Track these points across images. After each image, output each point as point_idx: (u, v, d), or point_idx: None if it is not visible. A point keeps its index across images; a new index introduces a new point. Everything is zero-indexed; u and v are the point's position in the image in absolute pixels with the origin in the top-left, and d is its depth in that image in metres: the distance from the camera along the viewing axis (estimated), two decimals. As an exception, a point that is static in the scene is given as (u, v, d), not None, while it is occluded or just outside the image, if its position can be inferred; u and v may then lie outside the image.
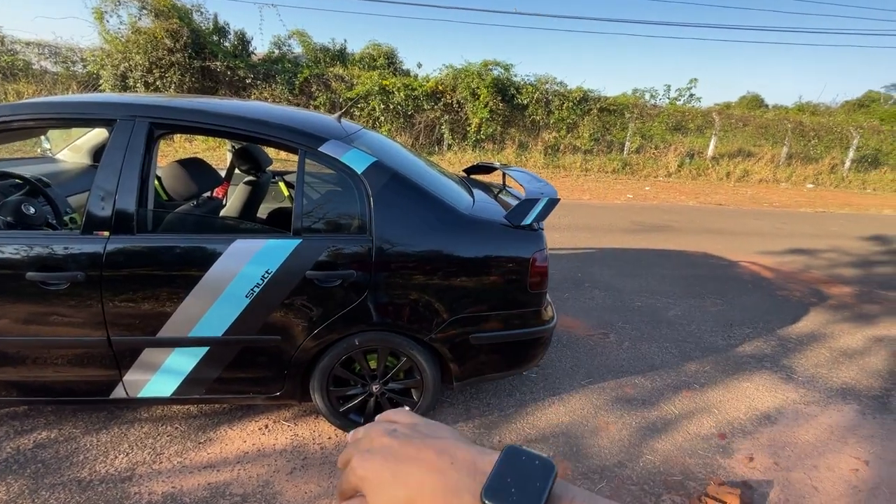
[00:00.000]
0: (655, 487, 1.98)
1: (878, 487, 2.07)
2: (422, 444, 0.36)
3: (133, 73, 9.35)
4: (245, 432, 2.12)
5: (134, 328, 1.80)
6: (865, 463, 2.21)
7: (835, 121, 14.69)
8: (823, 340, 3.47)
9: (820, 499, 1.99)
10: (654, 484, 2.00)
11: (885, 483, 2.09)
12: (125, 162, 1.72)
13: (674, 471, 2.08)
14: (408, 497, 0.33)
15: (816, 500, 1.98)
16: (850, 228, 7.66)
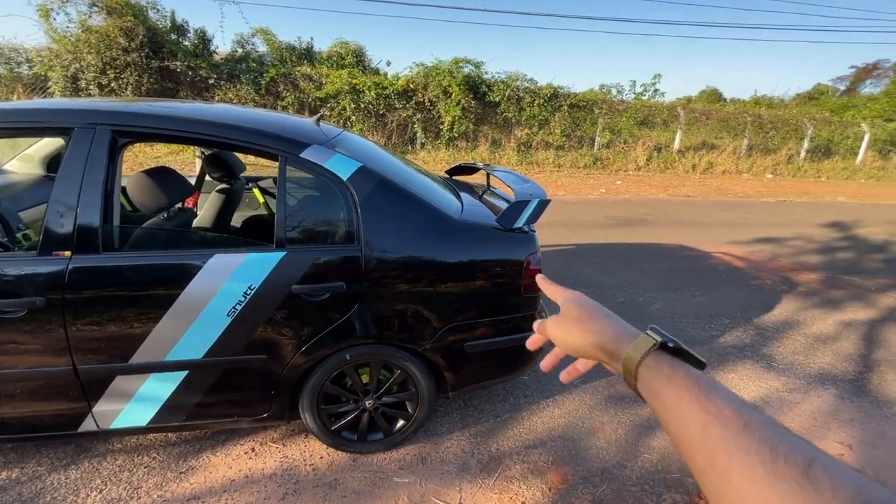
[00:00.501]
0: (656, 487, 1.98)
1: (864, 471, 2.13)
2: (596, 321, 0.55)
3: (85, 74, 8.81)
4: (230, 458, 1.99)
5: (103, 355, 1.65)
6: (849, 447, 2.28)
7: (790, 113, 15.40)
8: (798, 327, 3.59)
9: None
10: (654, 483, 2.00)
11: (870, 466, 2.16)
12: (86, 174, 1.57)
13: (671, 468, 2.08)
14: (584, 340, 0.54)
15: (808, 488, 2.02)
16: (810, 216, 8.03)
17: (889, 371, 3.01)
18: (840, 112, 17.12)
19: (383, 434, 2.06)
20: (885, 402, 2.66)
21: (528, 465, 2.05)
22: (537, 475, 2.00)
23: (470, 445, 2.15)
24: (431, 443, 2.15)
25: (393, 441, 2.07)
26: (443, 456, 2.08)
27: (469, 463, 2.05)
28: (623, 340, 0.47)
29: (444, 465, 2.02)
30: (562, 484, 1.96)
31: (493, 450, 2.13)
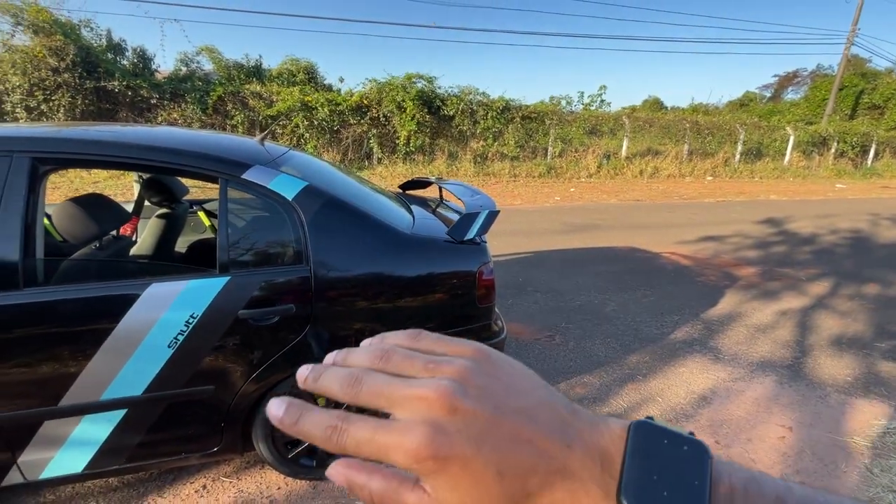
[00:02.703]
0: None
1: (803, 451, 2.28)
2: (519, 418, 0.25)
3: (10, 96, 8.24)
4: (179, 498, 1.87)
5: (28, 399, 1.52)
6: (790, 430, 2.43)
7: (723, 119, 16.56)
8: (740, 319, 3.81)
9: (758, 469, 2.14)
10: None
11: (808, 446, 2.31)
12: (2, 205, 1.46)
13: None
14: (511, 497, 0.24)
15: (755, 472, 2.13)
16: (747, 214, 8.60)
17: (821, 355, 3.24)
18: (767, 117, 18.61)
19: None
20: (819, 384, 2.86)
21: (492, 476, 2.05)
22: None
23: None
24: (394, 462, 2.11)
25: (354, 464, 2.01)
26: (406, 474, 2.04)
27: (433, 479, 2.02)
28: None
29: (408, 484, 1.99)
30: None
31: (458, 463, 2.12)
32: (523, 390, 0.27)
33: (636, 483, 0.24)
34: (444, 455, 0.23)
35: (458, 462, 0.23)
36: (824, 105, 21.58)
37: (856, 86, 23.55)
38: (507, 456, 0.24)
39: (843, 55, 20.69)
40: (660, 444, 0.25)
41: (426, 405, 0.24)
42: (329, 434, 0.25)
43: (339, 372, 0.28)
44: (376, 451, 0.24)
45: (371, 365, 0.28)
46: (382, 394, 0.26)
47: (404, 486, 0.25)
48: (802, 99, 25.76)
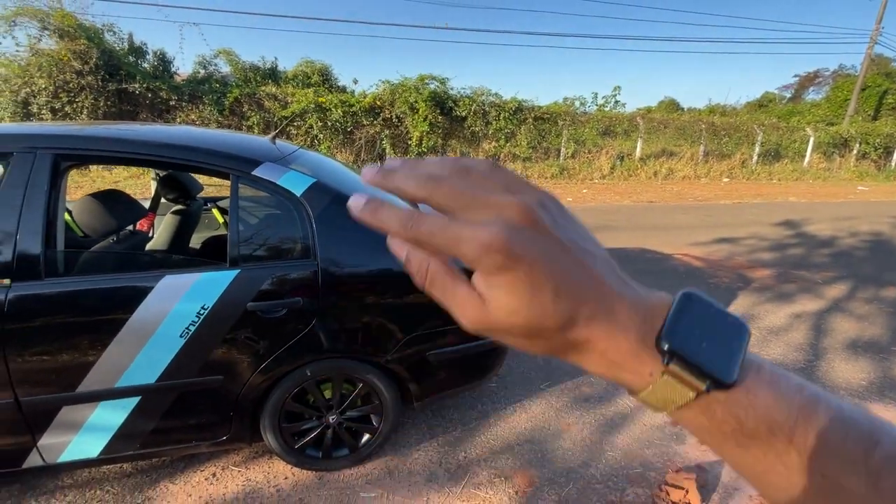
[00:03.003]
0: (619, 483, 2.02)
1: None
2: (590, 262, 0.26)
3: (37, 98, 8.51)
4: (190, 485, 1.93)
5: (48, 385, 1.59)
6: (799, 432, 2.39)
7: (741, 120, 16.28)
8: (753, 321, 3.75)
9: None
10: (618, 479, 2.04)
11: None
12: (26, 199, 1.53)
13: (634, 463, 2.14)
14: (560, 323, 0.25)
15: (762, 474, 2.11)
16: (764, 216, 8.45)
17: (836, 359, 3.18)
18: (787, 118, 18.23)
19: (349, 450, 2.04)
20: (834, 388, 2.81)
21: (495, 471, 2.06)
22: (504, 480, 2.02)
23: (437, 455, 2.15)
24: (399, 455, 2.14)
25: (359, 456, 2.05)
26: (410, 467, 2.07)
27: (437, 472, 2.05)
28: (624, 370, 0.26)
29: (412, 477, 2.02)
30: (528, 487, 1.98)
31: (461, 458, 2.14)
32: (591, 239, 0.28)
33: (677, 331, 0.25)
34: (516, 254, 0.23)
35: (525, 265, 0.23)
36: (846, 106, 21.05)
37: (879, 86, 22.93)
38: (568, 279, 0.24)
39: (867, 54, 20.17)
40: (706, 309, 0.27)
41: (508, 211, 0.24)
42: (404, 220, 0.26)
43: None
44: (448, 239, 0.24)
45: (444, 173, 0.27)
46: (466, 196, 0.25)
47: (459, 277, 0.26)
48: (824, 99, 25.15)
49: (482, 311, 0.25)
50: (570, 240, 0.25)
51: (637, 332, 0.25)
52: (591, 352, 0.26)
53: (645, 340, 0.25)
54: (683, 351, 0.24)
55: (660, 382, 0.25)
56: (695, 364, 0.24)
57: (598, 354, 0.26)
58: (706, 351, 0.24)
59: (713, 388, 0.24)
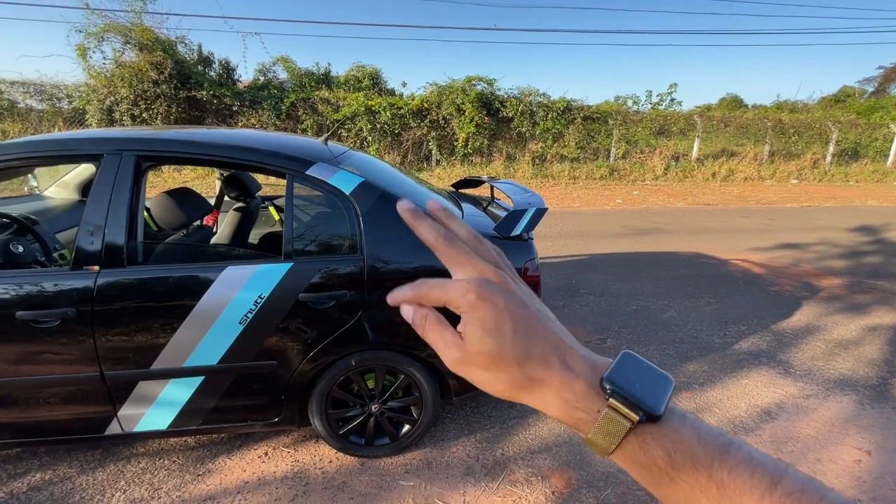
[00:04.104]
0: (661, 491, 1.96)
1: (882, 477, 2.07)
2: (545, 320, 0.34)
3: (119, 106, 9.39)
4: (244, 461, 2.09)
5: (127, 362, 1.78)
6: (868, 453, 2.22)
7: (813, 117, 15.04)
8: (818, 333, 3.50)
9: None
10: (660, 488, 1.98)
11: (889, 472, 2.09)
12: (113, 196, 1.73)
13: (679, 473, 2.06)
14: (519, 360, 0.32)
15: (822, 494, 1.97)
16: (837, 221, 7.78)
17: (915, 376, 2.90)
18: (867, 114, 16.58)
19: (390, 439, 2.12)
20: (910, 408, 2.57)
21: (532, 470, 2.07)
22: (541, 480, 2.02)
23: (475, 450, 2.19)
24: (437, 448, 2.20)
25: (399, 445, 2.13)
26: (448, 460, 2.12)
27: (474, 467, 2.08)
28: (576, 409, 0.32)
29: (450, 470, 2.07)
30: (565, 488, 1.97)
31: (498, 455, 2.16)
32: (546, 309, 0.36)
33: (617, 375, 0.32)
34: (484, 296, 0.32)
35: (490, 305, 0.32)
36: (941, 99, 18.86)
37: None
38: (525, 322, 0.32)
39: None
40: (640, 364, 0.34)
41: (482, 271, 0.34)
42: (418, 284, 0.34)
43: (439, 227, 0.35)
44: (442, 292, 0.33)
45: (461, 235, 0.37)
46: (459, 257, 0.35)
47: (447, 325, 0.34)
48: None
49: (461, 348, 0.33)
50: (529, 300, 0.34)
51: (587, 377, 0.32)
52: (548, 391, 0.32)
53: (592, 385, 0.32)
54: (621, 388, 0.31)
55: (604, 416, 0.31)
56: (630, 396, 0.30)
57: (554, 393, 0.32)
58: (639, 389, 0.31)
59: (645, 419, 0.30)
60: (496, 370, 0.32)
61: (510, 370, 0.32)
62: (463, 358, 0.33)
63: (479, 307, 0.31)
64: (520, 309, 0.33)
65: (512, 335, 0.32)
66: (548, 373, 0.32)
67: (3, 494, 1.87)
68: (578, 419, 0.32)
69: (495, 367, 0.32)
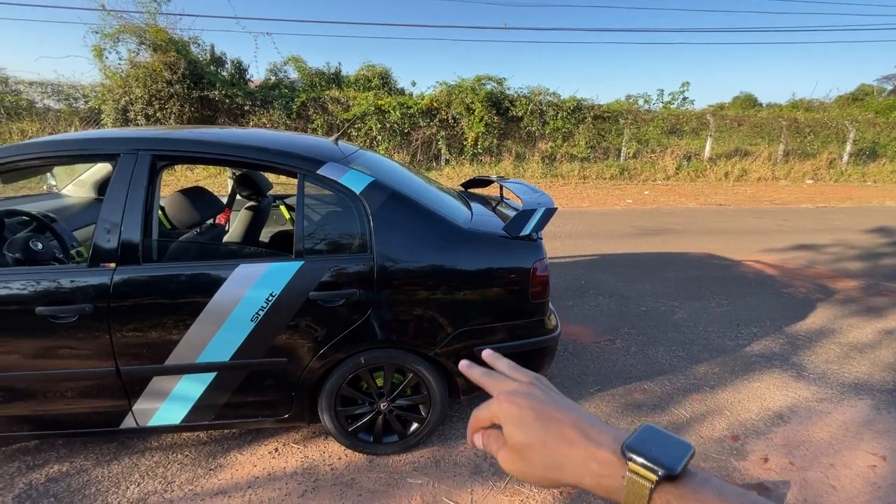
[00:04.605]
0: (670, 493, 1.95)
1: (897, 484, 2.03)
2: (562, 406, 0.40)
3: (134, 106, 9.54)
4: (255, 456, 2.12)
5: (142, 357, 1.82)
6: (883, 458, 2.18)
7: (829, 116, 14.75)
8: (832, 336, 3.44)
9: (839, 497, 1.96)
10: (669, 490, 1.97)
11: (904, 478, 2.06)
12: (129, 194, 1.76)
13: (688, 476, 2.05)
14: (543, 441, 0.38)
15: (835, 499, 1.95)
16: (854, 222, 7.64)
17: (933, 381, 2.84)
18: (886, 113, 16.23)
19: (398, 436, 2.14)
20: (927, 414, 2.52)
21: (540, 470, 2.07)
22: (549, 479, 2.02)
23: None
24: (445, 446, 2.21)
25: (407, 443, 2.14)
26: (456, 459, 2.13)
27: (482, 466, 2.09)
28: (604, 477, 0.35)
29: (457, 468, 2.08)
30: (573, 489, 1.97)
31: (506, 454, 2.16)
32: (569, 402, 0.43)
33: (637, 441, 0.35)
34: (510, 400, 0.41)
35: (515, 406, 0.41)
36: (964, 98, 18.40)
37: None
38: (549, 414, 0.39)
39: None
40: (659, 433, 0.36)
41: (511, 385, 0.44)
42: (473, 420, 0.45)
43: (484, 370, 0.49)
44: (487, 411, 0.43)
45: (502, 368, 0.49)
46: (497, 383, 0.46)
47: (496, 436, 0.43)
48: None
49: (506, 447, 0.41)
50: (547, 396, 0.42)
51: (610, 447, 0.36)
52: (575, 465, 0.36)
53: (615, 452, 0.35)
54: (640, 451, 0.34)
55: (628, 481, 0.33)
56: (649, 458, 0.33)
57: (581, 465, 0.36)
58: (656, 452, 0.34)
59: (664, 478, 0.32)
60: (530, 457, 0.38)
61: (539, 453, 0.38)
62: (507, 454, 0.40)
63: (507, 409, 0.41)
64: (539, 403, 0.40)
65: (533, 423, 0.39)
66: (571, 448, 0.37)
67: (23, 485, 1.92)
68: (609, 487, 0.35)
69: (529, 454, 0.38)
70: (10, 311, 1.72)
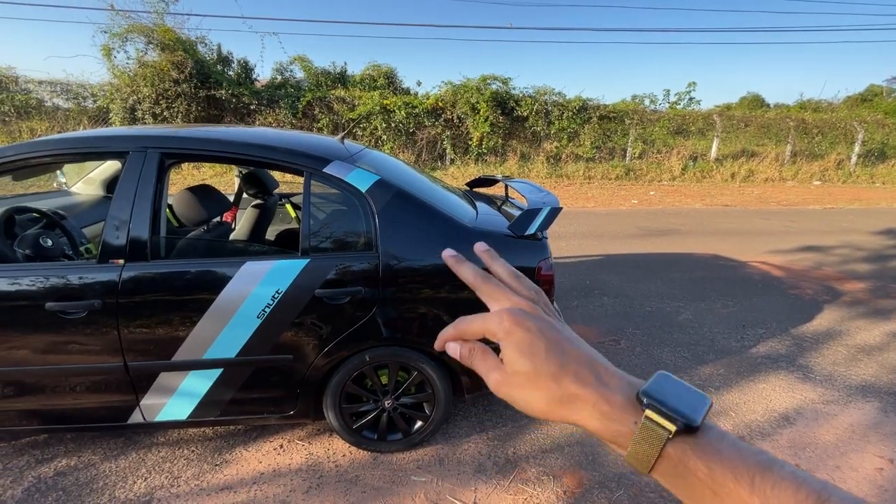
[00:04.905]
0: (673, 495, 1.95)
1: None
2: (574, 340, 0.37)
3: (141, 105, 9.62)
4: (260, 453, 2.13)
5: (150, 353, 1.84)
6: (890, 461, 2.16)
7: (837, 116, 14.62)
8: (839, 338, 3.41)
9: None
10: (673, 490, 1.97)
11: (912, 481, 2.04)
12: (138, 192, 1.78)
13: (692, 476, 2.04)
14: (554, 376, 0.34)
15: (841, 502, 1.93)
16: (862, 223, 7.57)
17: (942, 384, 2.81)
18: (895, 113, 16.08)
19: (402, 434, 2.15)
20: (936, 417, 2.50)
21: (543, 469, 2.07)
22: (552, 479, 2.02)
23: (487, 448, 2.20)
24: (449, 444, 2.21)
25: (411, 441, 2.15)
26: (460, 457, 2.13)
27: (485, 465, 2.09)
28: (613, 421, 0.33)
29: (461, 466, 2.08)
30: (577, 488, 1.97)
31: (510, 453, 2.17)
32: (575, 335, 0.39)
33: (653, 388, 0.33)
34: (518, 322, 0.35)
35: (524, 329, 0.35)
36: (975, 98, 18.17)
37: None
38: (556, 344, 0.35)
39: None
40: (676, 382, 0.34)
41: (515, 303, 0.38)
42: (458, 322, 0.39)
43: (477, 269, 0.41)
44: (481, 324, 0.37)
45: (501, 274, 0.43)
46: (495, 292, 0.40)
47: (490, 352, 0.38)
48: (945, 92, 21.87)
49: (502, 370, 0.36)
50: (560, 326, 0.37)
51: (623, 392, 0.33)
52: (585, 405, 0.33)
53: (629, 398, 0.33)
54: (658, 398, 0.32)
55: (641, 428, 0.31)
56: (668, 406, 0.31)
57: (591, 407, 0.33)
58: (676, 402, 0.32)
59: (682, 429, 0.31)
60: (534, 388, 0.34)
61: (546, 386, 0.34)
62: (504, 379, 0.36)
63: (514, 332, 0.35)
64: (551, 332, 0.36)
65: (545, 354, 0.34)
66: (583, 388, 0.34)
67: (32, 478, 1.95)
68: (616, 432, 0.33)
69: (533, 386, 0.34)
70: (21, 306, 1.74)
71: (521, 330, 0.35)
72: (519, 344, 0.35)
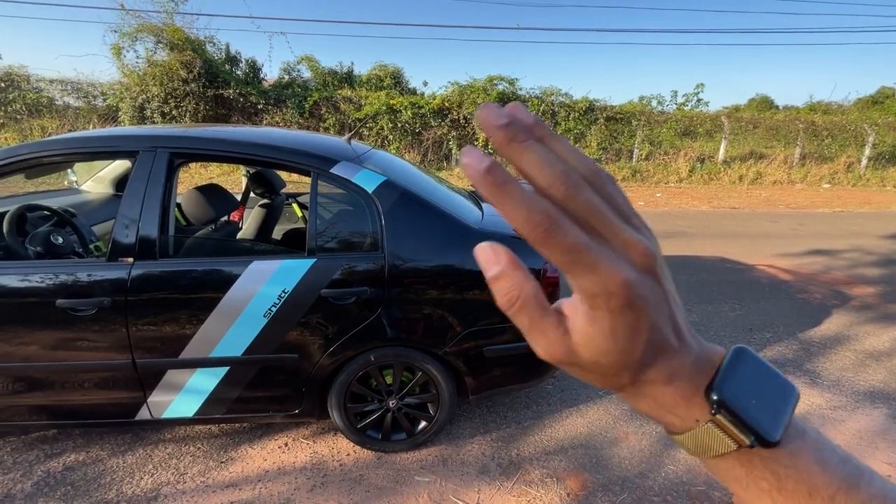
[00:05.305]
0: (679, 499, 1.94)
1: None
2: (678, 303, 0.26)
3: (150, 104, 9.71)
4: (265, 451, 2.15)
5: (157, 350, 1.86)
6: (898, 468, 2.14)
7: (848, 119, 14.46)
8: (848, 343, 3.38)
9: None
10: (678, 495, 1.96)
11: (920, 489, 2.02)
12: (147, 191, 1.80)
13: (697, 480, 2.04)
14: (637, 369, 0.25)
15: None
16: (872, 227, 7.49)
17: (952, 391, 2.78)
18: (907, 116, 15.87)
19: (406, 434, 2.15)
20: (945, 424, 2.47)
21: (547, 471, 2.07)
22: (556, 481, 2.02)
23: (491, 449, 2.20)
24: (453, 445, 2.22)
25: (415, 441, 2.16)
26: (463, 458, 2.14)
27: (489, 466, 2.10)
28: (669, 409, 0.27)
29: (465, 467, 2.08)
30: (580, 490, 1.97)
31: (514, 455, 2.17)
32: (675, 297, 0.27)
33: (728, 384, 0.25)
34: (634, 302, 0.23)
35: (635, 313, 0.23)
36: None
37: None
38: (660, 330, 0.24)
39: None
40: (758, 367, 0.27)
41: (635, 253, 0.24)
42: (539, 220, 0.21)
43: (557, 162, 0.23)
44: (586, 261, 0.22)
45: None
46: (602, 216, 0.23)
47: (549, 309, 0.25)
48: (959, 94, 21.58)
49: (564, 343, 0.24)
50: (671, 290, 0.26)
51: (690, 380, 0.26)
52: (646, 395, 0.26)
53: (696, 389, 0.25)
54: (733, 404, 0.24)
55: (703, 429, 0.25)
56: (742, 418, 0.24)
57: (651, 398, 0.26)
58: (754, 408, 0.25)
59: (756, 445, 0.25)
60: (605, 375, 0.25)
61: (620, 378, 0.26)
62: (566, 356, 0.25)
63: (622, 314, 0.23)
64: (662, 310, 0.25)
65: (643, 348, 0.24)
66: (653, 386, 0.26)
67: (41, 473, 1.98)
68: (669, 423, 0.27)
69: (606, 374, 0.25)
70: (32, 303, 1.76)
71: (631, 313, 0.23)
72: (618, 330, 0.23)
